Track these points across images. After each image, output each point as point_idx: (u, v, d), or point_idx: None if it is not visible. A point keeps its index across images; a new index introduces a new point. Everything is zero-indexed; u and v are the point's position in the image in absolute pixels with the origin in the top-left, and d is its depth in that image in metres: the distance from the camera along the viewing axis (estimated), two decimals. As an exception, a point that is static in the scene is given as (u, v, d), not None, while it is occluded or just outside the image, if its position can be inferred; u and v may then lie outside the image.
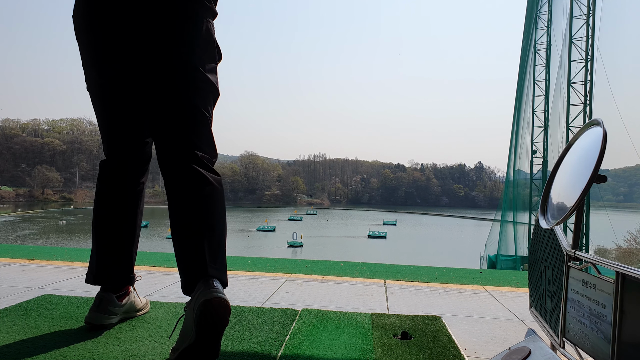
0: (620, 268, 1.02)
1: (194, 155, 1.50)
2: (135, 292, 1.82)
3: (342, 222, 69.12)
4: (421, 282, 2.88)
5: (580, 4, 16.76)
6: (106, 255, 1.69)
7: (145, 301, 1.91)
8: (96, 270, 1.69)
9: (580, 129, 1.49)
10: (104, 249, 1.69)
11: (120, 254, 1.71)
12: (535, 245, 1.72)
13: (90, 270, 1.71)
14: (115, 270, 1.70)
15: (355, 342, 1.63)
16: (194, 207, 1.46)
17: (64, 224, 51.80)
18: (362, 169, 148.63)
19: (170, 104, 1.50)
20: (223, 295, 1.35)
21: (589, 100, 16.41)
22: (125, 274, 1.73)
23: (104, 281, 1.69)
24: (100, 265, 1.69)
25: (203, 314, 1.30)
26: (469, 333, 1.86)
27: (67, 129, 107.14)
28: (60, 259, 3.19)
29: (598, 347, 1.10)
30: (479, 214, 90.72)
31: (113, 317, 1.68)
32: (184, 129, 1.51)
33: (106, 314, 1.65)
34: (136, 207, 1.74)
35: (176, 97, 1.50)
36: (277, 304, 2.17)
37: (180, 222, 1.47)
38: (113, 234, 1.70)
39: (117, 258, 1.71)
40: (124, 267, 1.73)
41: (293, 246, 37.22)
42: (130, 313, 1.78)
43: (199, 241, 1.44)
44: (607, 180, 1.27)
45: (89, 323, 1.64)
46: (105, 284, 1.69)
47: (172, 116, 1.51)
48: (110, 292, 1.68)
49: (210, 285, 1.36)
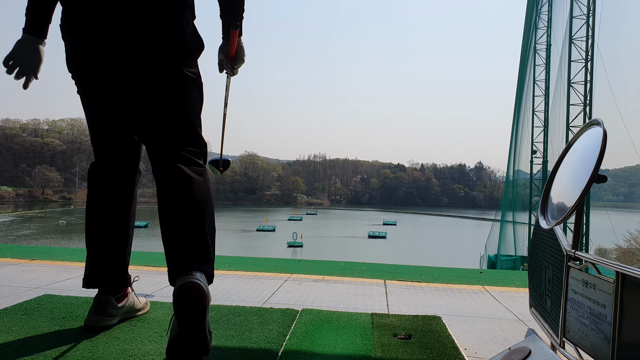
0: (620, 268, 1.02)
1: (178, 154, 1.52)
2: (133, 292, 1.82)
3: (342, 222, 69.10)
4: (421, 282, 2.88)
5: (580, 4, 16.76)
6: (98, 258, 1.68)
7: (145, 301, 1.91)
8: (89, 273, 1.68)
9: (580, 129, 1.49)
10: (96, 252, 1.68)
11: (112, 256, 1.69)
12: (535, 245, 1.72)
13: (85, 273, 1.70)
14: (108, 273, 1.69)
15: (355, 342, 1.63)
16: (179, 205, 1.47)
17: (63, 224, 51.78)
18: (362, 169, 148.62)
19: (153, 103, 1.52)
20: (196, 280, 1.34)
21: (589, 100, 16.41)
22: (118, 276, 1.71)
23: (96, 284, 1.68)
24: (93, 268, 1.68)
25: (177, 300, 1.31)
26: (469, 333, 1.86)
27: (67, 129, 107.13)
28: (60, 259, 3.19)
29: (598, 347, 1.10)
30: (479, 214, 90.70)
31: (112, 319, 1.68)
32: (168, 128, 1.53)
33: (105, 316, 1.65)
34: (128, 208, 1.73)
35: (158, 96, 1.51)
36: (277, 304, 2.17)
37: (167, 218, 1.49)
38: (105, 236, 1.68)
39: (110, 261, 1.69)
40: (117, 270, 1.71)
41: (293, 246, 37.20)
42: (129, 314, 1.78)
43: (184, 237, 1.45)
44: (607, 180, 1.27)
45: (88, 325, 1.64)
46: (99, 287, 1.68)
47: (155, 116, 1.53)
48: (108, 294, 1.68)
49: (187, 274, 1.36)
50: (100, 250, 1.68)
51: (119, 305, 1.70)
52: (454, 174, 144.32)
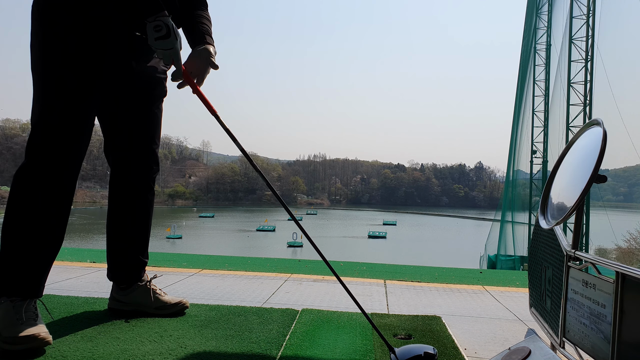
0: (620, 268, 1.02)
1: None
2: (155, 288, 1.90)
3: (342, 222, 69.09)
4: (421, 282, 2.88)
5: (580, 4, 16.76)
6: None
7: (178, 300, 1.92)
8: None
9: (580, 129, 1.49)
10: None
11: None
12: (535, 245, 1.72)
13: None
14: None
15: (355, 342, 1.63)
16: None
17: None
18: (362, 169, 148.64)
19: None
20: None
21: (589, 100, 16.41)
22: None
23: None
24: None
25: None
26: (469, 333, 1.86)
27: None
28: (60, 259, 3.18)
29: (598, 347, 1.09)
30: (479, 214, 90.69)
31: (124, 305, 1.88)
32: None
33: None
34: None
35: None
36: (277, 304, 2.17)
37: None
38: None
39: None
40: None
41: (293, 246, 37.20)
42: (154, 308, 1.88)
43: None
44: (607, 180, 1.27)
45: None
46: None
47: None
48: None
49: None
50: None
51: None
52: (454, 174, 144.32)
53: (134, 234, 1.87)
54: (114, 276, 1.88)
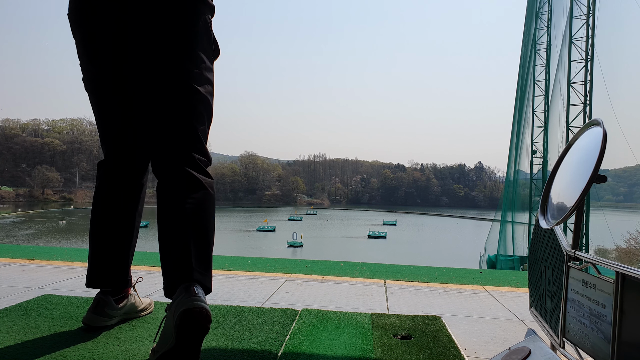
0: (620, 268, 1.02)
1: (190, 157, 1.47)
2: (136, 293, 1.81)
3: (342, 222, 69.09)
4: (421, 282, 2.88)
5: (580, 4, 16.77)
6: (101, 257, 1.66)
7: (149, 301, 1.90)
8: (90, 272, 1.67)
9: (580, 129, 1.49)
10: (99, 251, 1.66)
11: (115, 256, 1.68)
12: (535, 245, 1.72)
13: (87, 272, 1.69)
14: (109, 273, 1.67)
15: (355, 342, 1.63)
16: (185, 210, 1.41)
17: (63, 224, 51.79)
18: (362, 169, 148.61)
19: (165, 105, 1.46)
20: (204, 304, 1.30)
21: (588, 100, 16.42)
22: (120, 277, 1.70)
23: (97, 284, 1.66)
24: (94, 267, 1.66)
25: (183, 324, 1.26)
26: (469, 333, 1.86)
27: (67, 129, 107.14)
28: (60, 259, 3.19)
29: (598, 347, 1.09)
30: (479, 214, 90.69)
31: (109, 320, 1.67)
32: (180, 130, 1.47)
33: (102, 316, 1.64)
34: (134, 209, 1.71)
35: (172, 98, 1.46)
36: (277, 304, 2.17)
37: (169, 223, 1.43)
38: (109, 235, 1.66)
39: (112, 261, 1.67)
40: (118, 270, 1.69)
41: (293, 246, 37.22)
42: (131, 314, 1.77)
43: (186, 244, 1.39)
44: (607, 180, 1.27)
45: (86, 324, 1.64)
46: (99, 287, 1.67)
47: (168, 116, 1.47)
48: (108, 294, 1.67)
49: (191, 293, 1.31)
50: (103, 249, 1.67)
51: (119, 306, 1.69)
52: (454, 174, 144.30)
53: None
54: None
